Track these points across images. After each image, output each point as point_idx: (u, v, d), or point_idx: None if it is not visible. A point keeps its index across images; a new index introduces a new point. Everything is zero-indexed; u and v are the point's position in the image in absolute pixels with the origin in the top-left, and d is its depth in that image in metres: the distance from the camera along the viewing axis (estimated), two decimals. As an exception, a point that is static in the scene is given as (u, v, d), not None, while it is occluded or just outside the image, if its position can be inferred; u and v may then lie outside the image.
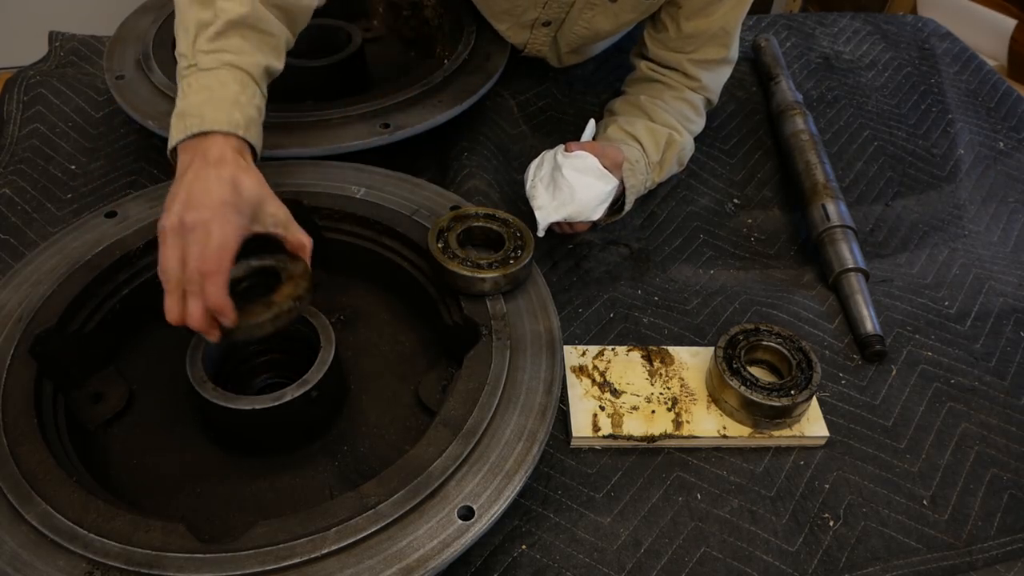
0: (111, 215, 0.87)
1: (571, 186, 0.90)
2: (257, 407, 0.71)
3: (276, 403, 0.72)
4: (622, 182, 0.97)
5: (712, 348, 0.84)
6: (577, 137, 0.97)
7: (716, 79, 1.13)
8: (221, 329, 0.70)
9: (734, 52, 1.11)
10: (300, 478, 0.75)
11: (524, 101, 1.23)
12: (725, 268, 1.04)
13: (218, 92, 0.75)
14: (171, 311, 0.68)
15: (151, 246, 0.84)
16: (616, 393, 0.84)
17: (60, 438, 0.71)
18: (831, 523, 0.76)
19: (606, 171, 0.92)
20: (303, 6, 0.88)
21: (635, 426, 0.81)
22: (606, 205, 0.94)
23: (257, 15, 0.80)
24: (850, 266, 0.98)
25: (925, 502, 0.78)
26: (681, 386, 0.85)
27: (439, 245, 0.81)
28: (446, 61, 1.12)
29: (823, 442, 0.82)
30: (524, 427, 0.70)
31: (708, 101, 1.14)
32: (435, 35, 1.26)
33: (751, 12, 1.56)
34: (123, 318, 0.83)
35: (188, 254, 0.67)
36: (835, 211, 1.04)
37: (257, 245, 0.75)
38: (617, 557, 0.72)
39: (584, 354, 0.87)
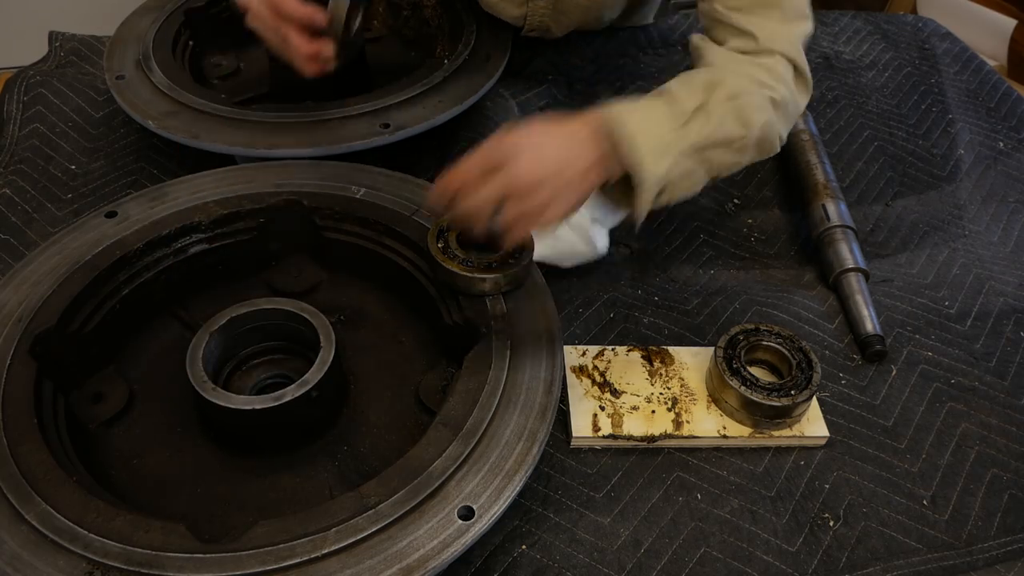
0: (111, 215, 0.87)
1: (555, 236, 0.89)
2: (257, 407, 0.71)
3: (276, 403, 0.72)
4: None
5: (712, 348, 0.84)
6: None
7: (773, 29, 0.86)
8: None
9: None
10: (300, 478, 0.75)
11: (524, 101, 1.23)
12: (725, 268, 1.04)
13: None
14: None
15: (151, 246, 0.84)
16: (616, 393, 0.84)
17: (60, 438, 0.71)
18: (831, 523, 0.76)
19: (595, 235, 0.91)
20: None
21: (635, 426, 0.81)
22: (580, 263, 0.93)
23: None
24: (850, 266, 0.98)
25: (925, 502, 0.78)
26: (681, 386, 0.85)
27: (439, 245, 0.81)
28: (446, 61, 1.12)
29: (823, 442, 0.82)
30: (524, 427, 0.70)
31: (792, 66, 0.87)
32: (435, 35, 1.26)
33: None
34: (123, 318, 0.83)
35: None
36: (835, 211, 1.03)
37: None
38: (617, 557, 0.72)
39: (584, 354, 0.87)
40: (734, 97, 0.80)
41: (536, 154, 0.69)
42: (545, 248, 0.90)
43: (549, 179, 0.69)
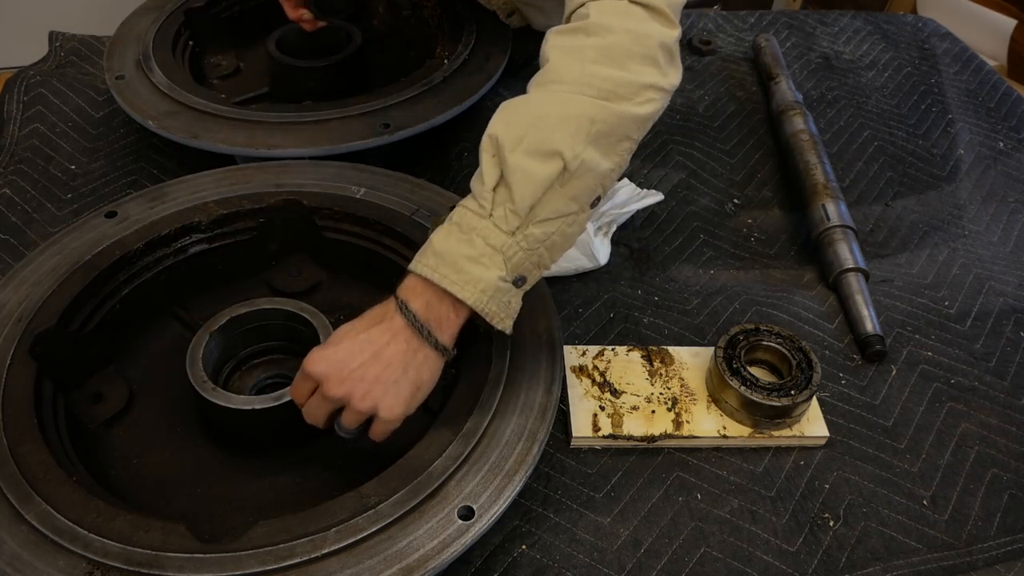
0: (111, 215, 0.87)
1: None
2: (257, 407, 0.71)
3: (276, 403, 0.72)
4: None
5: (712, 348, 0.84)
6: None
7: None
8: None
9: None
10: (300, 478, 0.75)
11: (524, 101, 1.22)
12: (725, 268, 1.04)
13: None
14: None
15: (151, 246, 0.84)
16: (616, 393, 0.84)
17: (60, 438, 0.71)
18: (831, 523, 0.76)
19: (597, 248, 0.95)
20: None
21: (635, 426, 0.81)
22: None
23: None
24: (850, 266, 0.98)
25: (925, 502, 0.78)
26: (681, 386, 0.85)
27: (439, 245, 0.81)
28: (446, 61, 1.12)
29: (823, 442, 0.82)
30: (524, 427, 0.70)
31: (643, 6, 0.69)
32: (435, 35, 1.26)
33: (752, 9, 1.56)
34: (123, 318, 0.83)
35: None
36: (835, 211, 1.03)
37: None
38: (617, 557, 0.72)
39: (584, 354, 0.87)
40: (535, 123, 0.64)
41: (340, 368, 0.65)
42: None
43: (362, 384, 0.65)
